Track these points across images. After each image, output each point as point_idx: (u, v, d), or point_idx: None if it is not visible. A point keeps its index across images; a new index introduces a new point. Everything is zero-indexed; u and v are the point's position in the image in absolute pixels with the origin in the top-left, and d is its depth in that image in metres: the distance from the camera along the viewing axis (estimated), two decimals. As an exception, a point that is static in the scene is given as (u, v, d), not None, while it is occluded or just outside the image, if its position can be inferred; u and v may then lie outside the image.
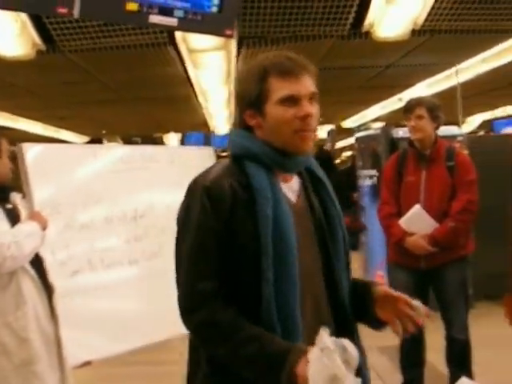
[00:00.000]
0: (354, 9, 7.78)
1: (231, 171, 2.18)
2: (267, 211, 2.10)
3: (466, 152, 7.92)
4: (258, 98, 2.17)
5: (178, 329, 4.29)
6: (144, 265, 4.51)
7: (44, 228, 3.80)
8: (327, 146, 18.80)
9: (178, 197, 4.49)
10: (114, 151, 4.82)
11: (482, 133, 20.65)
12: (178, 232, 2.20)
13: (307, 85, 2.19)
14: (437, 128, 4.86)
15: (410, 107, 4.84)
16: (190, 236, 2.13)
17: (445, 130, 5.16)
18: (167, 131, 26.26)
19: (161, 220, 4.50)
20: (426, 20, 8.32)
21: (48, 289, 3.81)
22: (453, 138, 8.12)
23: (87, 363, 4.10)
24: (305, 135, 2.17)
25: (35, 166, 4.00)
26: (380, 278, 8.42)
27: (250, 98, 2.18)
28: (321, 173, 2.40)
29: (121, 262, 4.41)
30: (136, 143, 27.00)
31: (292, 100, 2.15)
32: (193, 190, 2.17)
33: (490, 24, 8.73)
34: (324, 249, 2.26)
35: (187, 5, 4.52)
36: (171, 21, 4.46)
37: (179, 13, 4.45)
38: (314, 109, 2.19)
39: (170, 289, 3.07)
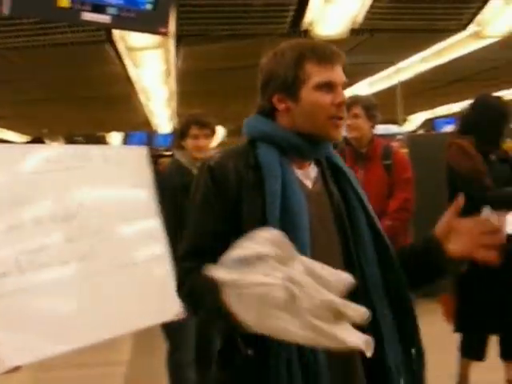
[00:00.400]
0: (293, 7, 7.77)
1: (240, 153, 2.18)
2: (275, 186, 2.06)
3: (405, 150, 8.00)
4: (293, 82, 2.13)
5: (122, 328, 4.24)
6: (77, 266, 4.41)
7: None
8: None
9: (110, 197, 4.38)
10: (45, 151, 4.69)
11: (421, 131, 20.90)
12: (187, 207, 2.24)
13: (341, 73, 2.21)
14: (373, 127, 4.85)
15: (346, 106, 4.83)
16: (193, 214, 2.17)
17: (385, 129, 5.17)
18: (110, 130, 26.07)
19: (93, 220, 4.40)
20: (365, 19, 8.35)
21: None
22: (392, 136, 8.21)
23: (17, 368, 3.99)
24: (338, 122, 2.17)
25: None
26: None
27: (282, 82, 2.15)
28: (341, 162, 2.34)
29: (52, 263, 4.30)
30: (79, 142, 26.79)
31: (329, 86, 2.15)
32: (200, 170, 2.18)
33: (428, 23, 8.82)
34: (345, 238, 2.17)
35: (121, 2, 4.43)
36: (104, 18, 4.38)
37: (112, 10, 4.36)
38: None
39: (107, 289, 3.01)
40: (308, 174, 2.22)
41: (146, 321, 3.92)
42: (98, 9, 4.33)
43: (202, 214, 2.13)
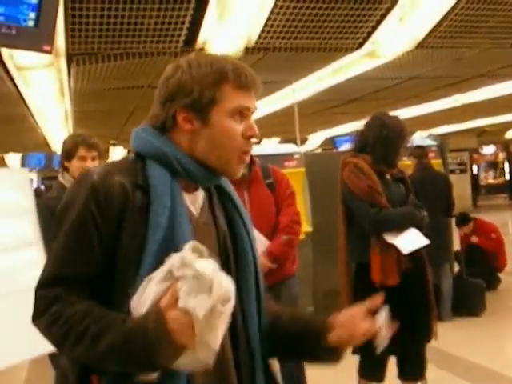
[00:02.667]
0: (186, 25, 7.65)
1: (128, 169, 1.96)
2: (161, 218, 1.87)
3: (303, 169, 8.01)
4: (207, 103, 1.96)
5: (19, 356, 4.04)
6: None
7: None
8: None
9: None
10: None
11: (319, 150, 21.15)
12: (57, 222, 1.95)
13: (255, 102, 2.06)
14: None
15: None
16: (64, 235, 1.91)
17: (282, 148, 5.19)
18: (7, 151, 25.47)
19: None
20: (259, 38, 8.31)
21: None
22: (290, 155, 8.17)
23: None
24: (244, 158, 2.03)
25: None
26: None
27: (195, 99, 1.96)
28: (230, 188, 2.19)
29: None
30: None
31: (243, 115, 1.99)
32: (80, 183, 1.94)
33: (322, 42, 8.83)
34: (229, 272, 1.92)
35: (1, 18, 4.26)
36: (-18, 34, 4.19)
37: (-9, 26, 4.18)
38: None
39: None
40: (195, 200, 2.07)
41: (37, 348, 3.77)
42: (-25, 25, 4.14)
43: (75, 236, 1.89)
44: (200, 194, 2.09)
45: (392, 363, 4.87)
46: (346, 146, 19.60)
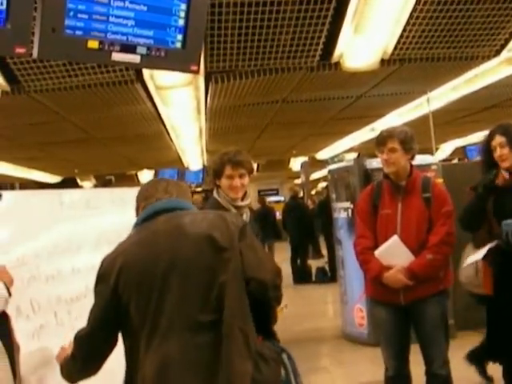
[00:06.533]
0: (323, 40, 7.71)
1: None
2: None
3: (440, 180, 7.87)
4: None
5: None
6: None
7: (9, 286, 3.56)
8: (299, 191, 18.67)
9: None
10: (79, 196, 4.66)
11: (455, 160, 20.73)
12: None
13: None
14: (411, 159, 4.75)
15: (382, 140, 4.72)
16: None
17: (418, 159, 5.05)
18: (141, 168, 26.17)
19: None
20: (395, 49, 8.28)
21: (10, 347, 3.57)
22: (427, 166, 8.06)
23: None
24: None
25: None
26: (359, 312, 8.31)
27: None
28: None
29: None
30: (109, 181, 26.95)
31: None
32: None
33: (458, 51, 8.72)
34: None
35: (150, 41, 4.39)
36: (134, 58, 4.32)
37: (142, 49, 4.31)
38: None
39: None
40: None
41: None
42: (128, 49, 4.28)
43: None
44: None
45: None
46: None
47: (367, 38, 7.71)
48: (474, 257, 4.67)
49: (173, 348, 2.54)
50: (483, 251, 4.59)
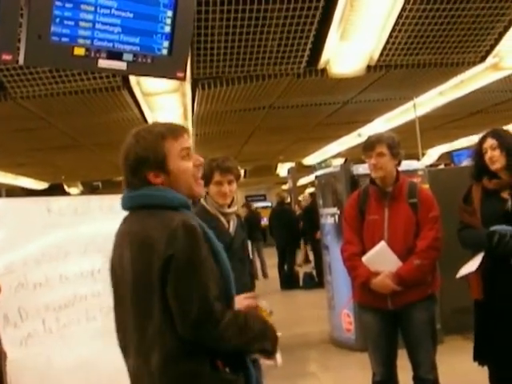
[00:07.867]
0: (309, 46, 7.74)
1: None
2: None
3: (426, 186, 7.89)
4: (161, 158, 2.68)
5: None
6: (103, 320, 4.31)
7: None
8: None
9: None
10: (67, 203, 4.64)
11: (442, 165, 20.77)
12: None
13: (190, 140, 2.84)
14: (398, 164, 4.77)
15: (370, 144, 4.74)
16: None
17: (404, 165, 5.07)
18: (126, 175, 26.09)
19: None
20: (381, 55, 8.32)
21: None
22: (413, 172, 8.07)
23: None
24: (200, 182, 2.77)
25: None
26: (346, 317, 8.32)
27: (153, 161, 2.70)
28: None
29: (78, 320, 4.23)
30: (96, 187, 26.92)
31: (187, 153, 2.74)
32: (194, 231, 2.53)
33: (443, 57, 8.77)
34: None
35: (136, 48, 4.38)
36: (120, 65, 4.31)
37: (128, 56, 4.31)
38: None
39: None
40: None
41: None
42: (114, 56, 4.28)
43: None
44: None
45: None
46: (466, 161, 19.29)
47: (353, 44, 7.75)
48: (467, 269, 4.66)
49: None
50: (477, 263, 4.59)
